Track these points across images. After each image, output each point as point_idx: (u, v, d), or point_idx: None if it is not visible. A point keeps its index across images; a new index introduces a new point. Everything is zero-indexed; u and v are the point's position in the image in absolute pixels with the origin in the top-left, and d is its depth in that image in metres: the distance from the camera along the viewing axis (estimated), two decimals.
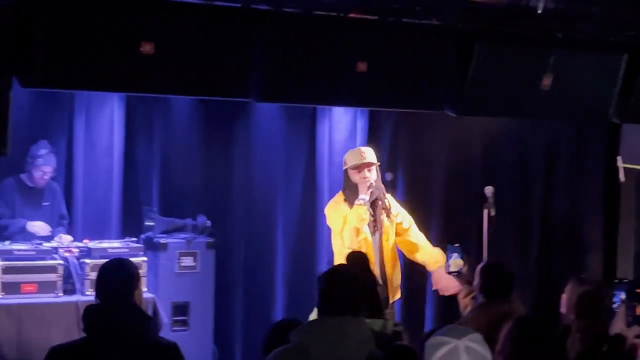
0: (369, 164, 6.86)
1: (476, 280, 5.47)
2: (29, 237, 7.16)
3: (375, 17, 5.95)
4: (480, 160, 8.90)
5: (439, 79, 6.17)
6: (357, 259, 5.35)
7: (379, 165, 6.99)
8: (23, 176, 7.46)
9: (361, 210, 6.73)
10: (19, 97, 6.04)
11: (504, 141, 8.93)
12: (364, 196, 6.77)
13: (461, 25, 6.12)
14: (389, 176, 7.56)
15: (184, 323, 7.39)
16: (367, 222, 6.76)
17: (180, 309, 7.36)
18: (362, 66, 5.89)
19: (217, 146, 8.16)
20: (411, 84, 6.12)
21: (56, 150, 7.59)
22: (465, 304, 5.66)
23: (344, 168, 6.94)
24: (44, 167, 7.38)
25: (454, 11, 6.01)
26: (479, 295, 5.43)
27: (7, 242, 6.96)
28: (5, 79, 5.05)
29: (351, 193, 6.85)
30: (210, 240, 7.51)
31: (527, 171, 9.13)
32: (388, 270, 6.87)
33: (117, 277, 4.01)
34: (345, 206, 6.84)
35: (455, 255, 5.67)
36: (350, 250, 6.35)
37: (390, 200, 7.04)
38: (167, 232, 7.58)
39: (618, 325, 4.54)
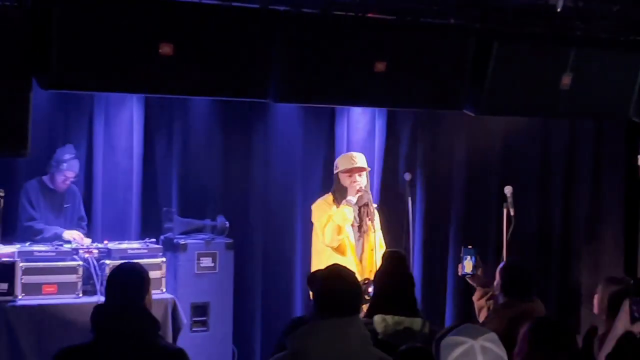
0: (360, 169, 7.02)
1: (497, 280, 5.43)
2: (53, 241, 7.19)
3: (394, 17, 5.94)
4: (500, 159, 8.88)
5: (458, 79, 6.15)
6: (395, 258, 5.33)
7: (369, 171, 7.18)
8: (45, 178, 7.49)
9: (346, 210, 6.90)
10: (39, 99, 6.07)
11: (523, 140, 8.89)
12: (352, 198, 6.95)
13: (479, 24, 6.10)
14: (407, 176, 7.56)
15: (204, 324, 7.40)
16: (351, 222, 6.92)
17: (200, 310, 7.37)
18: (380, 66, 5.88)
19: (235, 147, 8.17)
20: (430, 83, 6.11)
21: (76, 151, 7.62)
22: (481, 306, 5.63)
23: (335, 172, 7.09)
24: (67, 172, 7.42)
25: (472, 10, 5.99)
26: (500, 295, 5.39)
27: (27, 244, 6.99)
28: (25, 80, 5.07)
29: (340, 196, 7.01)
30: (229, 241, 7.52)
31: (546, 170, 9.09)
32: (367, 275, 6.93)
33: (127, 280, 4.00)
34: (333, 206, 6.99)
35: (468, 257, 5.65)
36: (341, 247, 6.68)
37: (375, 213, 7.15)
38: (186, 233, 7.59)
39: (622, 322, 4.49)
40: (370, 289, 5.24)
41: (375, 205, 7.22)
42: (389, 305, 4.86)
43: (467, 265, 5.64)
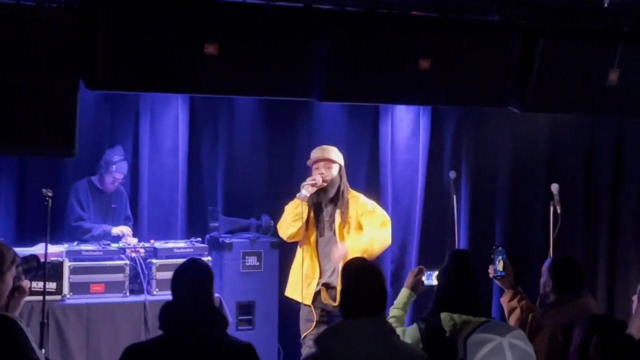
0: (326, 160, 6.87)
1: (545, 278, 5.38)
2: (100, 239, 7.26)
3: (438, 15, 5.91)
4: (546, 156, 8.80)
5: (503, 75, 6.11)
6: (460, 259, 5.30)
7: (341, 165, 6.95)
8: (94, 179, 7.58)
9: (294, 205, 6.79)
10: (86, 99, 6.13)
11: (570, 137, 8.81)
12: (305, 192, 6.79)
13: (525, 20, 6.05)
14: (452, 174, 7.52)
15: (249, 322, 7.44)
16: (299, 216, 6.74)
17: (245, 308, 7.41)
18: (424, 64, 5.85)
19: (280, 146, 8.20)
20: (475, 80, 6.06)
21: (125, 153, 7.69)
22: (513, 307, 5.57)
23: (310, 165, 6.97)
24: (116, 174, 7.50)
25: (517, 7, 5.94)
26: (550, 292, 5.33)
27: (75, 243, 7.07)
28: (72, 81, 5.12)
29: None
30: (275, 239, 7.54)
31: (594, 167, 9.00)
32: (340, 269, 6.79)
33: (196, 277, 4.02)
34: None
35: (500, 258, 5.60)
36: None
37: (363, 200, 6.94)
38: (232, 232, 7.64)
39: (636, 324, 4.41)
40: (424, 277, 5.21)
41: (360, 195, 7.02)
42: (454, 304, 4.84)
43: (499, 265, 5.59)
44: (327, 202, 6.88)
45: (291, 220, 6.78)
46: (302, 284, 6.79)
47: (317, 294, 6.81)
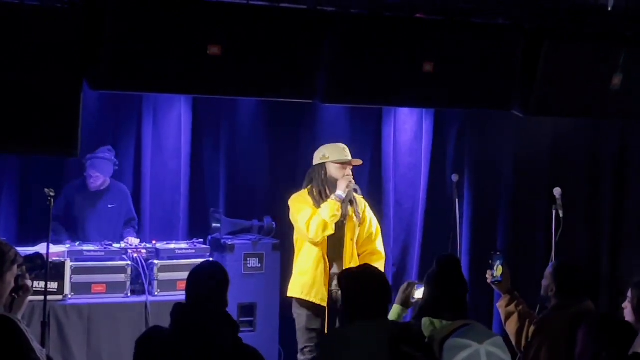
0: (355, 163, 6.79)
1: (548, 282, 5.37)
2: (97, 239, 7.25)
3: (442, 18, 5.90)
4: (549, 160, 8.80)
5: (507, 79, 6.10)
6: (449, 262, 5.27)
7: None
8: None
9: (335, 207, 6.59)
10: (89, 100, 6.13)
11: (572, 141, 8.80)
12: (341, 193, 6.64)
13: (529, 24, 6.05)
14: (455, 178, 7.51)
15: (251, 324, 7.43)
16: (338, 217, 6.62)
17: (247, 310, 7.40)
18: (428, 66, 5.84)
19: (282, 148, 8.20)
20: (478, 84, 6.05)
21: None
22: (510, 312, 5.56)
23: (322, 162, 6.77)
24: (91, 171, 7.43)
25: (521, 10, 5.94)
26: (553, 296, 5.33)
27: (77, 243, 7.07)
28: (75, 81, 5.11)
29: (323, 188, 6.72)
30: (276, 241, 7.55)
31: (597, 171, 8.99)
32: (346, 265, 6.71)
33: (210, 280, 4.04)
34: (310, 199, 6.72)
35: (498, 263, 5.58)
36: None
37: (363, 204, 6.94)
38: (234, 233, 7.63)
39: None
40: (416, 294, 5.18)
41: (360, 195, 6.98)
42: (438, 309, 4.82)
43: (497, 270, 5.58)
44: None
45: (332, 221, 6.59)
46: (319, 283, 6.70)
47: (332, 293, 6.72)
